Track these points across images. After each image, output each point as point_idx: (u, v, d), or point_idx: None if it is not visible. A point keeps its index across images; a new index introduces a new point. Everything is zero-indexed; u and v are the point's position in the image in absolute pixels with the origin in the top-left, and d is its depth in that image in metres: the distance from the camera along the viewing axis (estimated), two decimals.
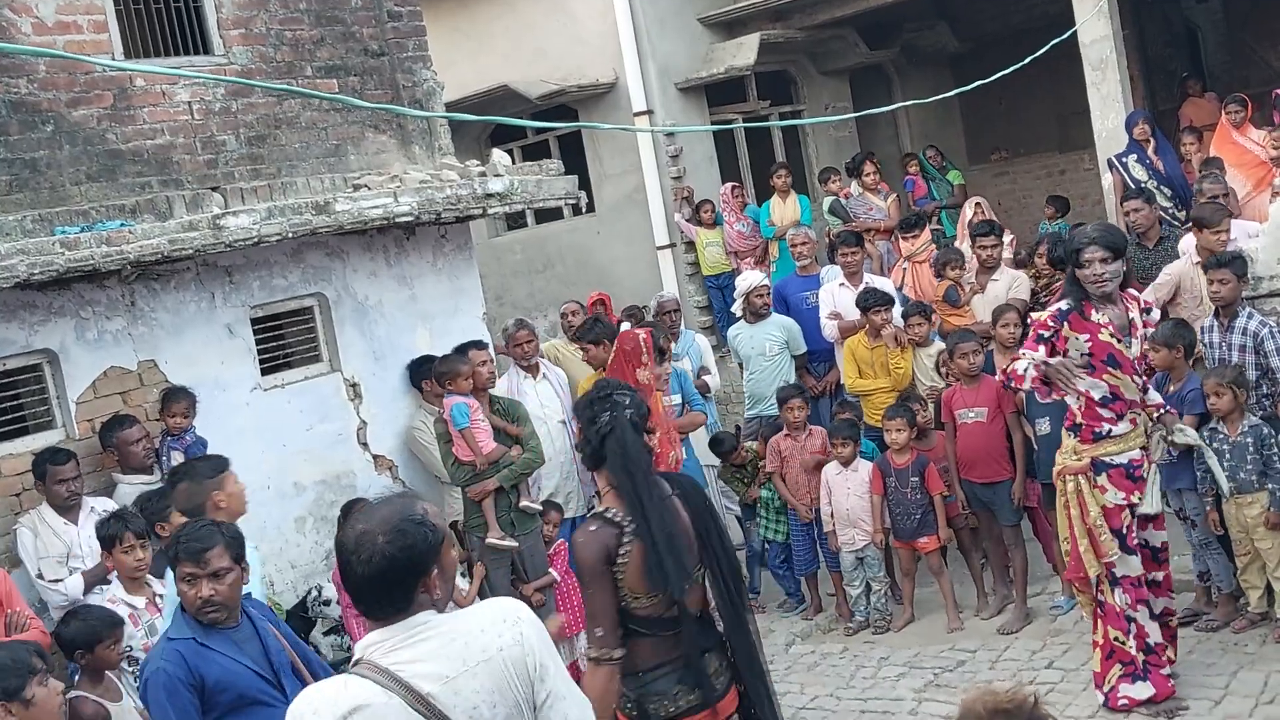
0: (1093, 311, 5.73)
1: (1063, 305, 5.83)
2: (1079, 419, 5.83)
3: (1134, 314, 5.79)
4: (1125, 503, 5.80)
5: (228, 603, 4.15)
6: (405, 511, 2.86)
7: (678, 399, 8.17)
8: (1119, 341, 5.69)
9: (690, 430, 8.10)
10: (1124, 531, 5.83)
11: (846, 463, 7.75)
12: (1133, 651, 5.86)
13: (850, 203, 12.30)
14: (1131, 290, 5.93)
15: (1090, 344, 5.70)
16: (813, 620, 8.08)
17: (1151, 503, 5.88)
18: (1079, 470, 5.85)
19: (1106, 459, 5.80)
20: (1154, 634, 5.91)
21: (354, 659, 2.84)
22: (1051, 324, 5.79)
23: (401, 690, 2.70)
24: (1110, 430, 5.77)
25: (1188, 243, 8.06)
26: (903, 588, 7.87)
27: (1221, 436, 6.44)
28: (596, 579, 3.85)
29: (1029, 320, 6.63)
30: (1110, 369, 5.70)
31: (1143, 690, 5.85)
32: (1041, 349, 5.78)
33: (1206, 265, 7.14)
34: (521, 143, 14.14)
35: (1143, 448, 5.83)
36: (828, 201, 12.51)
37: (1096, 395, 5.75)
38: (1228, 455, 6.38)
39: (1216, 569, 6.69)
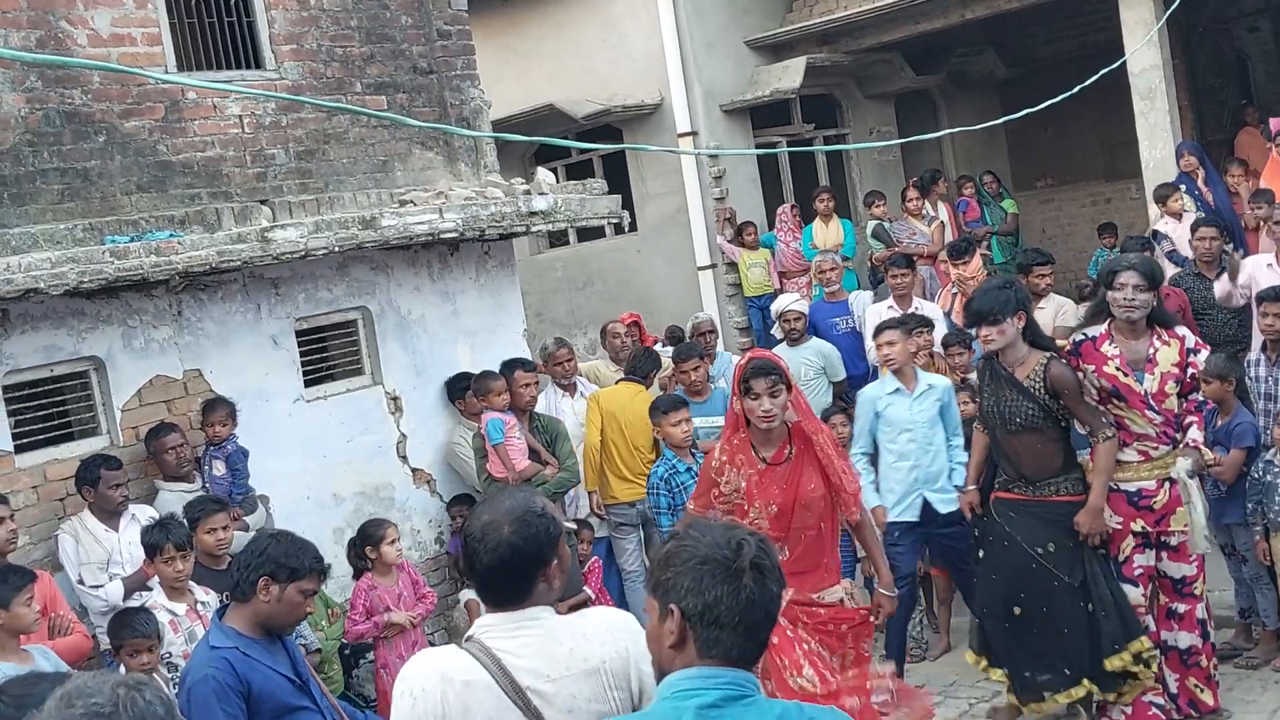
0: (1106, 343, 5.77)
1: (1077, 337, 5.95)
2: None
3: (1159, 351, 5.76)
4: (1124, 529, 5.79)
5: None
6: (527, 504, 3.03)
7: (721, 420, 8.17)
8: (1125, 375, 5.71)
9: None
10: (1121, 560, 5.82)
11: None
12: None
13: (893, 227, 12.28)
14: (1179, 330, 5.90)
15: (1096, 374, 5.77)
16: None
17: (1195, 537, 5.83)
18: None
19: (1112, 483, 5.81)
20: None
21: (466, 635, 2.98)
22: (1067, 355, 5.89)
23: (504, 679, 2.83)
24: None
25: (1257, 263, 8.01)
26: (939, 616, 7.81)
27: (1276, 470, 6.37)
28: None
29: None
30: (1115, 400, 5.75)
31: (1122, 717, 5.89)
32: None
33: (1260, 298, 7.08)
34: (566, 161, 14.19)
35: (1165, 479, 5.79)
36: (871, 225, 12.49)
37: None
38: None
39: (1265, 604, 6.60)
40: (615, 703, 2.91)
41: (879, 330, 7.37)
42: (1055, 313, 8.73)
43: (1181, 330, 5.93)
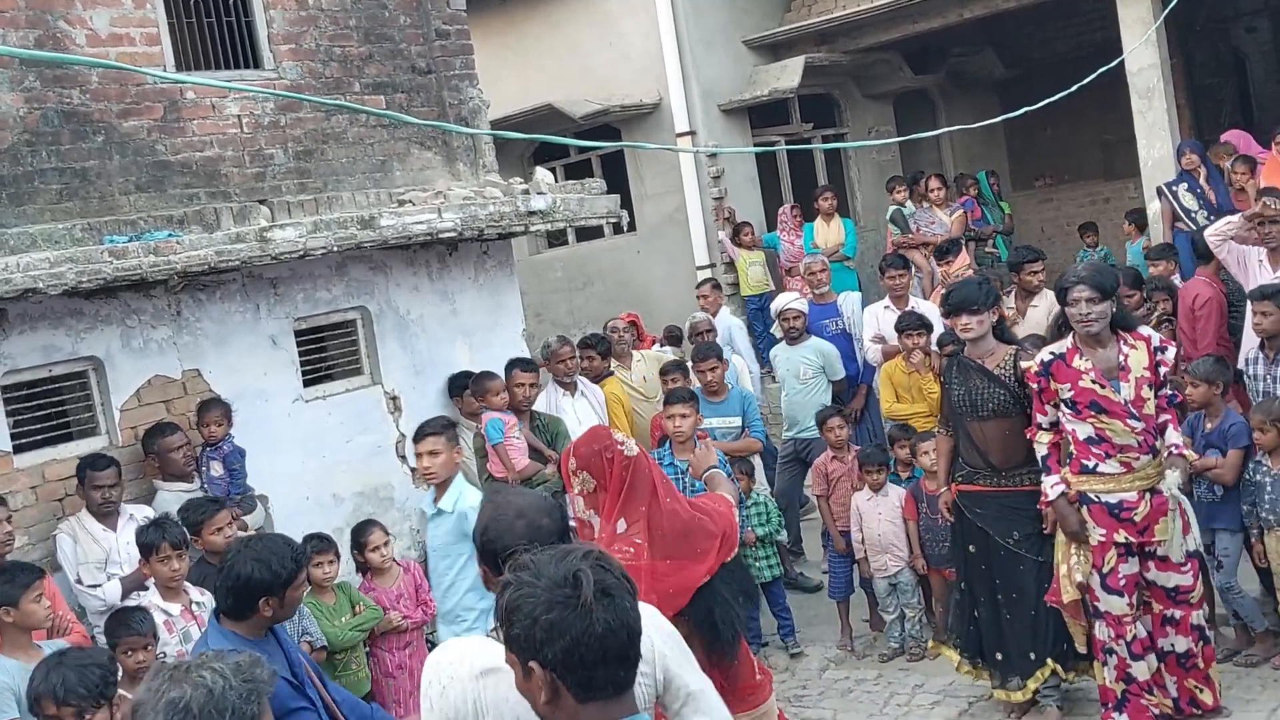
0: (1076, 357, 5.73)
1: (1044, 356, 5.87)
2: (1071, 449, 5.87)
3: (1129, 356, 5.71)
4: (1107, 540, 5.76)
5: None
6: (538, 501, 3.18)
7: (737, 421, 8.23)
8: (1102, 388, 5.67)
9: (744, 454, 8.11)
10: (1105, 571, 5.81)
11: (877, 489, 7.71)
12: (1110, 683, 5.91)
13: (914, 215, 12.29)
14: (1143, 330, 5.88)
15: (1073, 392, 5.71)
16: (849, 648, 8.01)
17: (1172, 547, 5.78)
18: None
19: (1092, 495, 5.78)
20: (1138, 670, 5.86)
21: (494, 625, 2.99)
22: (1038, 376, 5.87)
23: None
24: (1097, 466, 5.76)
25: (1246, 252, 7.97)
26: (936, 615, 7.80)
27: (1264, 469, 6.37)
28: None
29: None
30: (1094, 414, 5.69)
31: None
32: (1047, 437, 5.93)
33: (1252, 296, 7.07)
34: (564, 161, 14.21)
35: (1148, 490, 5.73)
36: (890, 210, 12.50)
37: (1082, 435, 5.78)
38: (1269, 488, 6.31)
39: (1244, 610, 6.59)
40: (639, 689, 2.93)
41: (420, 436, 6.79)
42: (1048, 310, 8.72)
43: (1146, 330, 5.90)
